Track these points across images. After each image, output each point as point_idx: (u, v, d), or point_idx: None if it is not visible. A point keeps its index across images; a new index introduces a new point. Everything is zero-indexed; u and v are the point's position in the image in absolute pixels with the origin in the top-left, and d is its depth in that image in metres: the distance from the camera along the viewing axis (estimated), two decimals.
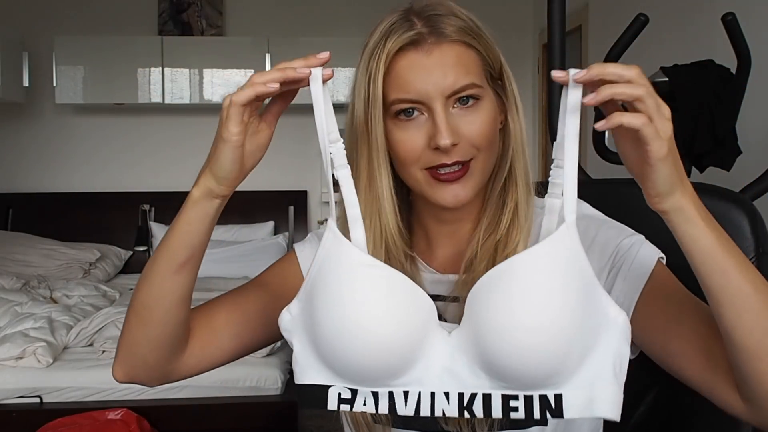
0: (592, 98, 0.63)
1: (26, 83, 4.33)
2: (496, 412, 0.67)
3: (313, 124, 0.70)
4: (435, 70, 0.78)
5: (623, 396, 0.67)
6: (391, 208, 0.83)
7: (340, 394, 0.70)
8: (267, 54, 4.37)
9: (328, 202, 0.76)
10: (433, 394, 0.69)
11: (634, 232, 0.84)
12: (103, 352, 2.63)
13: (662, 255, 0.82)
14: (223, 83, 4.40)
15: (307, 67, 0.70)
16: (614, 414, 0.66)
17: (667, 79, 1.93)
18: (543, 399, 0.66)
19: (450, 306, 0.85)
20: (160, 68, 4.34)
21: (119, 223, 4.38)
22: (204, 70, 4.40)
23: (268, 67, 4.37)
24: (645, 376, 0.80)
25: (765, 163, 1.84)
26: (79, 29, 4.41)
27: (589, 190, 0.95)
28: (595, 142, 2.23)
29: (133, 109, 4.49)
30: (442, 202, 0.82)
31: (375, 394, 0.70)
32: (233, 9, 4.65)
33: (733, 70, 1.90)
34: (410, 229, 0.91)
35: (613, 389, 0.67)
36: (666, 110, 0.63)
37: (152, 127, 4.57)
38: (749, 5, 2.19)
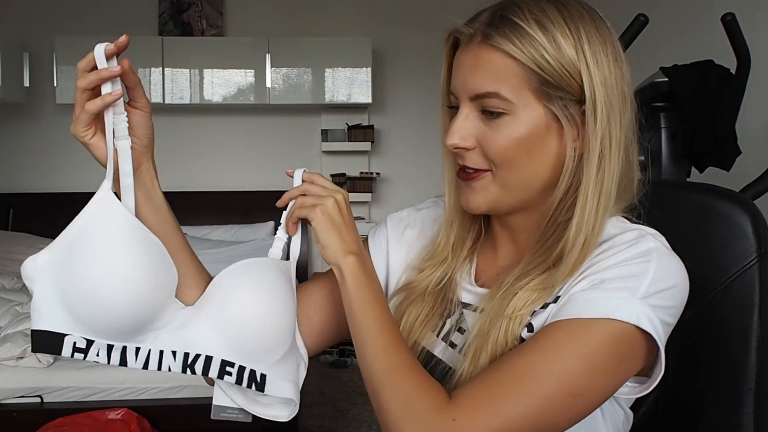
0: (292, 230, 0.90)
1: (26, 83, 4.33)
2: (214, 373, 0.76)
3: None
4: (465, 69, 0.78)
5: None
6: (450, 190, 0.87)
7: (75, 343, 0.73)
8: (267, 54, 4.37)
9: None
10: (161, 352, 0.76)
11: (624, 288, 0.72)
12: None
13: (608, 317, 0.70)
14: (224, 83, 4.40)
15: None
16: (291, 393, 0.79)
17: (667, 79, 1.93)
18: (251, 373, 0.77)
19: (470, 314, 0.85)
20: (161, 68, 4.34)
21: None
22: (204, 70, 4.40)
23: (268, 66, 4.37)
24: None
25: (765, 163, 1.84)
26: (79, 29, 4.41)
27: None
28: None
29: None
30: (459, 201, 0.84)
31: (109, 347, 0.75)
32: (233, 9, 4.65)
33: (733, 70, 1.90)
34: (486, 228, 0.91)
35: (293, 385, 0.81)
36: (320, 192, 0.84)
37: None
38: (749, 5, 2.19)
